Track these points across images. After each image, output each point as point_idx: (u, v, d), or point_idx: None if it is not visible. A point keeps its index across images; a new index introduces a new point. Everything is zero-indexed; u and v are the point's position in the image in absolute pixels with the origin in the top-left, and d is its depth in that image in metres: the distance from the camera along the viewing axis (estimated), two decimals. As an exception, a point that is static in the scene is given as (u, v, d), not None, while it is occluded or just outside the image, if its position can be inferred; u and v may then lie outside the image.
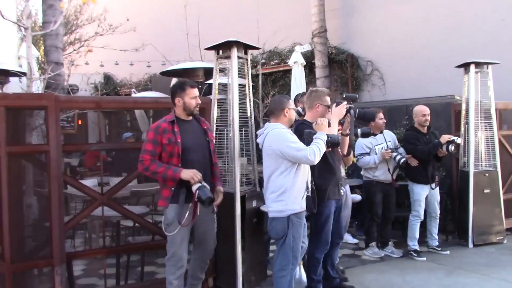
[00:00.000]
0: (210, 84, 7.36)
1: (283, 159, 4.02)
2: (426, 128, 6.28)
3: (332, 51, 10.74)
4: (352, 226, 7.35)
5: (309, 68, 10.54)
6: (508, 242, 6.87)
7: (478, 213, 6.71)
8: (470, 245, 6.66)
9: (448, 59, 8.35)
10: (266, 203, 4.24)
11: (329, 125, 4.21)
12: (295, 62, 8.68)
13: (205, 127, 4.22)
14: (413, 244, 6.24)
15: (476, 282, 5.25)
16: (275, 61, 11.39)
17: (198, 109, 4.15)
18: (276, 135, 4.07)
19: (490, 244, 6.72)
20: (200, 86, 7.77)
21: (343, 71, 10.73)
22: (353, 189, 6.71)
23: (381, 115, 6.23)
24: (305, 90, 8.61)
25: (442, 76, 8.85)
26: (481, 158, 6.83)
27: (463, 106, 6.98)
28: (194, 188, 3.83)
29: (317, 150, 3.98)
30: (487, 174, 6.84)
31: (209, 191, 3.89)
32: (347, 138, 4.64)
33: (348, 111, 4.52)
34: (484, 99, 6.93)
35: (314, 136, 4.09)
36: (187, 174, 3.84)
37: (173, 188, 3.93)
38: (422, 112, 6.22)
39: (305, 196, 4.10)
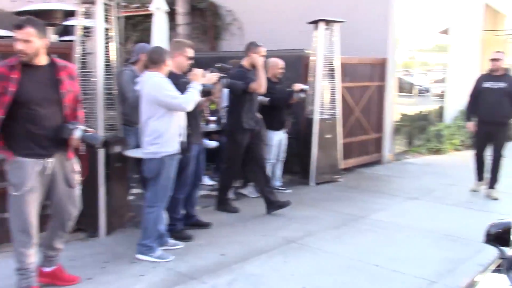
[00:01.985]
0: (67, 26, 7.20)
1: (159, 106, 4.32)
2: (278, 78, 6.86)
3: (194, -2, 10.87)
4: (209, 169, 7.85)
5: (171, 14, 10.57)
6: (344, 180, 7.92)
7: (319, 155, 7.60)
8: (312, 183, 7.57)
9: (301, 14, 8.98)
10: (142, 145, 4.54)
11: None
12: (157, 8, 8.67)
13: (62, 76, 3.59)
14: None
15: (314, 214, 6.08)
16: (136, 5, 11.20)
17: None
18: (155, 84, 4.34)
19: (328, 182, 7.69)
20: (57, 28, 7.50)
21: (204, 19, 10.96)
22: (210, 135, 7.18)
23: None
24: (166, 36, 8.76)
25: (293, 29, 9.45)
26: (325, 107, 7.67)
27: (312, 59, 7.70)
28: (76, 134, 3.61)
29: (190, 98, 4.37)
30: (329, 121, 7.71)
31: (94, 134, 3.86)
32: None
33: (220, 80, 5.02)
34: (330, 53, 7.71)
35: (188, 86, 4.44)
36: None
37: None
38: (277, 66, 6.78)
39: (178, 140, 4.46)
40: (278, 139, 6.88)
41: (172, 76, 4.58)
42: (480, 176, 7.38)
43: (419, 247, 5.08)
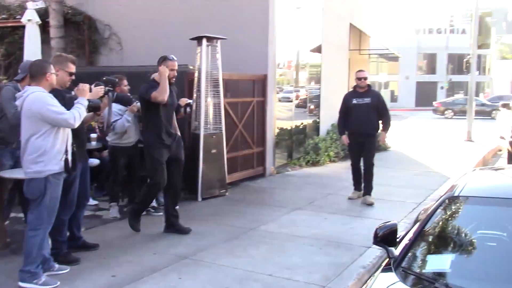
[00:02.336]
0: None
1: (43, 122, 4.06)
2: None
3: (68, 11, 10.39)
4: (91, 189, 7.51)
5: (43, 26, 10.02)
6: (230, 194, 8.02)
7: (206, 170, 7.64)
8: (199, 198, 7.57)
9: (184, 30, 9.00)
10: (23, 165, 4.20)
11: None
12: (29, 20, 8.20)
13: None
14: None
15: (204, 230, 6.08)
16: (3, 16, 10.45)
17: None
18: (36, 98, 4.09)
19: (215, 197, 7.74)
20: None
21: (80, 33, 10.53)
22: (92, 152, 6.90)
23: (125, 81, 6.54)
24: (39, 50, 8.28)
25: (176, 45, 9.44)
26: (210, 122, 7.74)
27: (196, 75, 7.74)
28: None
29: (77, 114, 4.17)
30: (214, 136, 7.79)
31: None
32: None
33: (106, 93, 4.80)
34: (213, 69, 7.82)
35: (75, 101, 4.22)
36: None
37: None
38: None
39: (63, 158, 4.19)
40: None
41: (55, 91, 4.35)
42: (357, 186, 7.90)
43: (308, 255, 5.30)
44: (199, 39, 7.73)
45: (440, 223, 2.83)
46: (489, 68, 51.53)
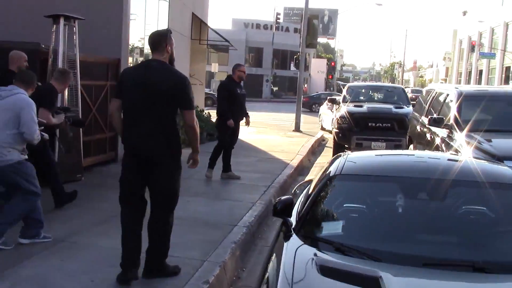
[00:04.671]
0: None
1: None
2: None
3: None
4: None
5: None
6: (86, 179, 7.86)
7: (63, 154, 7.38)
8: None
9: (33, 6, 8.50)
10: None
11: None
12: None
13: None
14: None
15: (73, 213, 6.01)
16: None
17: None
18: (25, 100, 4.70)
19: (72, 182, 7.52)
20: None
21: None
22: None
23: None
24: None
25: (28, 22, 8.86)
26: (67, 105, 7.47)
27: (51, 55, 7.41)
28: None
29: None
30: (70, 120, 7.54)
31: None
32: None
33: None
34: (69, 50, 7.56)
35: None
36: None
37: None
38: (24, 58, 6.37)
39: None
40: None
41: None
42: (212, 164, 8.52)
43: (181, 234, 5.56)
44: (55, 18, 7.41)
45: (327, 197, 3.37)
46: (308, 65, 56.30)
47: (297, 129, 18.45)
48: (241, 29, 50.42)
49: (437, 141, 7.27)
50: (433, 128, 7.58)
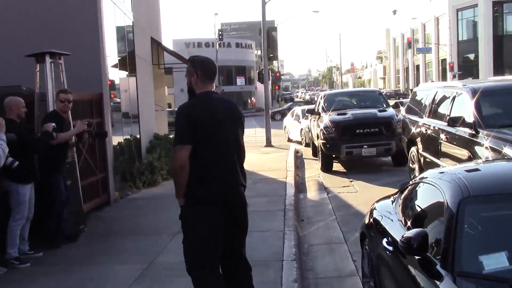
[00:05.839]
0: None
1: None
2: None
3: None
4: None
5: None
6: (88, 228, 7.10)
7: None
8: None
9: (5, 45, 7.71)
10: None
11: None
12: None
13: None
14: (14, 251, 5.60)
15: (92, 275, 5.30)
16: None
17: None
18: None
19: (75, 238, 6.69)
20: None
21: None
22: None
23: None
24: None
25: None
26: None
27: (35, 97, 6.68)
28: None
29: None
30: (67, 165, 6.82)
31: None
32: None
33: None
34: (58, 88, 6.84)
35: None
36: None
37: None
38: (22, 104, 5.68)
39: None
40: (28, 193, 5.69)
41: None
42: None
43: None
44: (39, 56, 6.68)
45: (466, 225, 2.90)
46: (253, 78, 56.27)
47: (269, 144, 18.08)
48: (183, 49, 49.56)
49: (460, 141, 7.05)
50: (450, 129, 7.37)
